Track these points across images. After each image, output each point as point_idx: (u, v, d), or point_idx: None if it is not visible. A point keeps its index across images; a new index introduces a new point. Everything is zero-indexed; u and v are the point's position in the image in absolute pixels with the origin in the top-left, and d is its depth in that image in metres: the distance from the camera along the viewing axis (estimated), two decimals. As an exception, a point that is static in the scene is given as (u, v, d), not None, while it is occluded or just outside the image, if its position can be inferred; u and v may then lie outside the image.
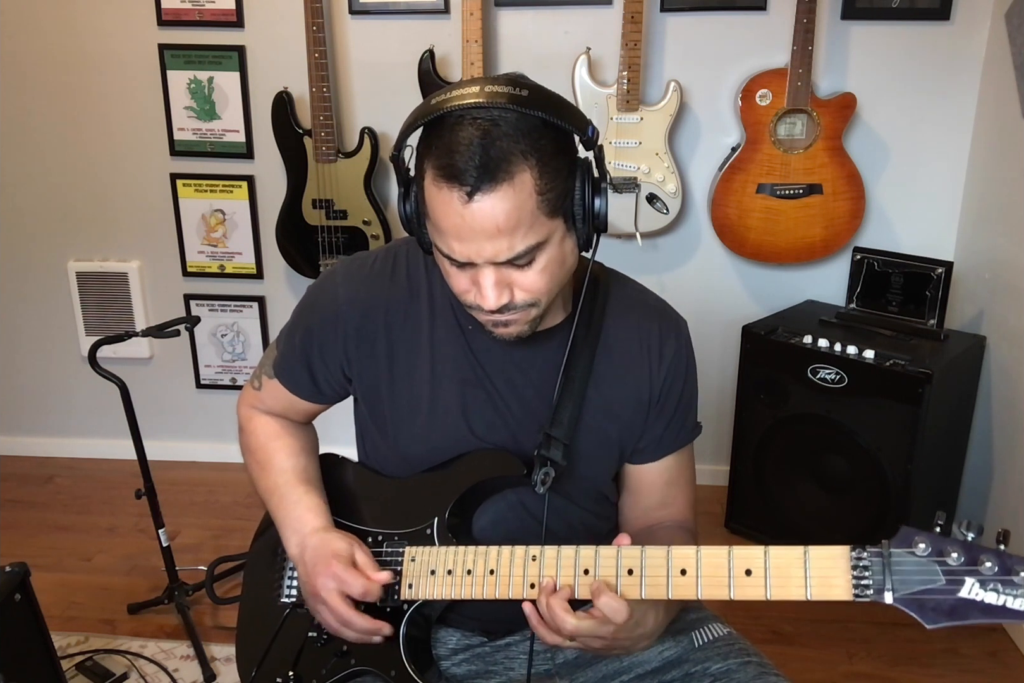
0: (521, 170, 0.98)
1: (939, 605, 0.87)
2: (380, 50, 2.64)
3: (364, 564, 1.16)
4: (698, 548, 1.00)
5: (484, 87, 1.00)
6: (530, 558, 1.08)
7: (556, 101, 1.03)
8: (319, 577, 1.16)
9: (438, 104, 1.00)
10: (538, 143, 0.99)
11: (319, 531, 1.21)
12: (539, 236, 1.02)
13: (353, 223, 2.63)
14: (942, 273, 2.39)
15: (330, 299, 1.25)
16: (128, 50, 2.71)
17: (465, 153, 0.97)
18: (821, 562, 0.93)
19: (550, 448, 1.16)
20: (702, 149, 2.63)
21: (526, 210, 1.00)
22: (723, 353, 2.75)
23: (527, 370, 1.21)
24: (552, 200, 1.01)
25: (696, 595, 0.99)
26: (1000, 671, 2.13)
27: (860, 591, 0.90)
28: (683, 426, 1.28)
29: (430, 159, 1.01)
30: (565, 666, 1.27)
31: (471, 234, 1.00)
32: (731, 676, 1.16)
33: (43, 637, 1.74)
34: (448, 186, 0.99)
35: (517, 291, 1.07)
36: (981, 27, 2.46)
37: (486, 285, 1.05)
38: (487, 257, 1.02)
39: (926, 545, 0.89)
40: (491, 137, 0.97)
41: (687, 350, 1.27)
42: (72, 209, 2.91)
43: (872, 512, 2.34)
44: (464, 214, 0.99)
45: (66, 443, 3.17)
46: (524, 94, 0.99)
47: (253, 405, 1.38)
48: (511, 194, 0.98)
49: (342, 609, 1.14)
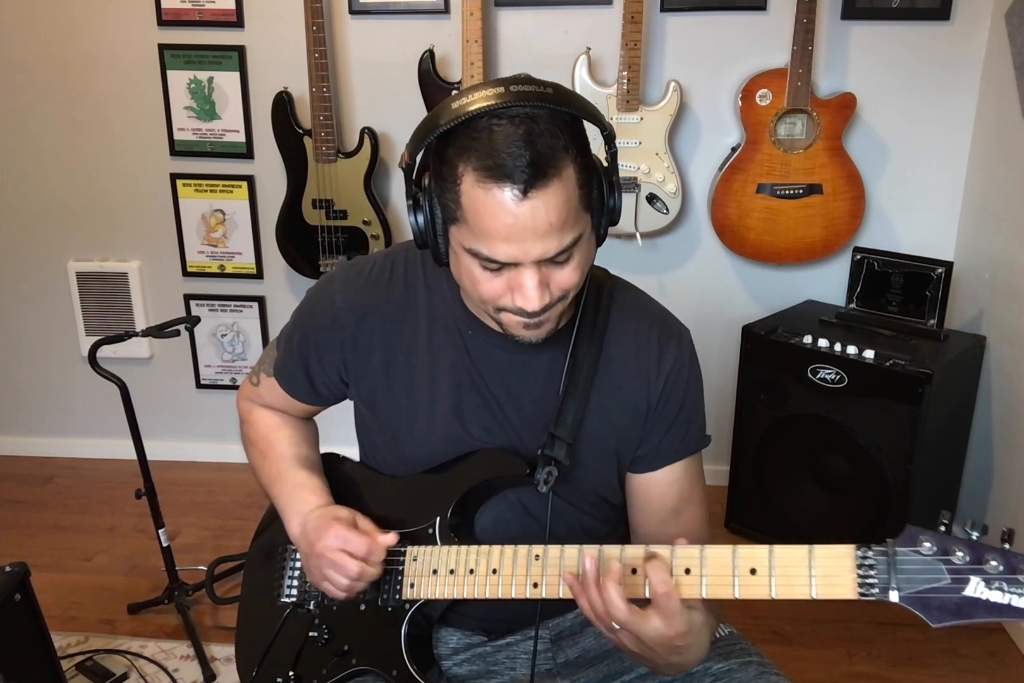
0: (566, 165, 0.98)
1: (944, 604, 0.87)
2: (380, 50, 2.64)
3: (367, 527, 1.17)
4: (702, 547, 0.99)
5: (508, 87, 0.99)
6: (533, 557, 1.08)
7: (577, 98, 1.03)
8: (322, 538, 1.15)
9: (461, 108, 0.98)
10: (575, 138, 1.00)
11: (320, 507, 1.22)
12: (580, 229, 1.03)
13: (353, 223, 2.63)
14: (942, 273, 2.39)
15: (328, 304, 1.25)
16: (128, 50, 2.71)
17: (514, 151, 0.96)
18: (826, 561, 0.93)
19: (554, 447, 1.16)
20: (702, 149, 2.63)
21: (572, 205, 1.00)
22: (723, 353, 2.75)
23: (524, 375, 1.21)
24: (587, 194, 1.03)
25: (700, 594, 0.98)
26: (1000, 671, 2.13)
27: (865, 590, 0.90)
28: (685, 436, 1.25)
29: (469, 161, 0.98)
30: (566, 666, 1.27)
31: (522, 233, 0.99)
32: (732, 676, 1.16)
33: (43, 637, 1.74)
34: (498, 186, 0.97)
35: (554, 288, 1.06)
36: (981, 27, 2.46)
37: (530, 286, 1.02)
38: (536, 255, 1.01)
39: (931, 544, 0.89)
40: (534, 134, 0.97)
41: (689, 360, 1.24)
42: (72, 209, 2.91)
43: (872, 512, 2.34)
44: (517, 213, 0.97)
45: (66, 443, 3.17)
46: (550, 91, 0.99)
47: (251, 399, 1.39)
48: (561, 189, 0.98)
49: (352, 563, 1.13)
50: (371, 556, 1.14)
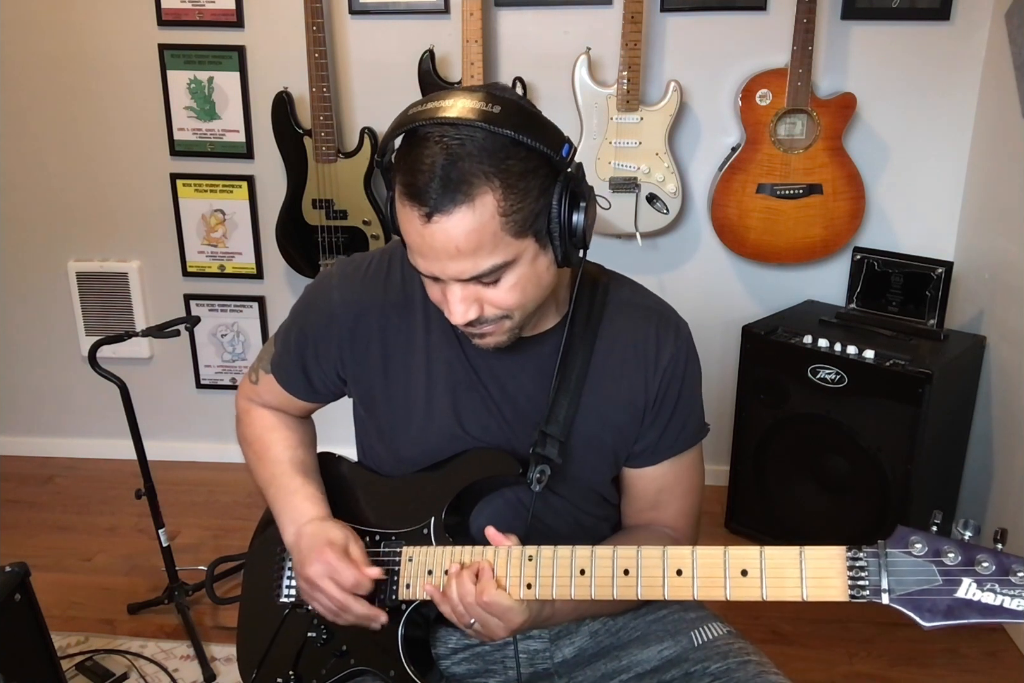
0: (483, 192, 0.96)
1: (936, 605, 0.87)
2: (380, 50, 2.64)
3: (357, 557, 1.18)
4: (694, 548, 1.00)
5: (457, 101, 0.98)
6: (526, 558, 1.08)
7: (528, 119, 1.00)
8: (313, 563, 1.17)
9: (413, 116, 1.00)
10: (504, 164, 0.97)
11: (316, 520, 1.22)
12: (504, 256, 1.01)
13: (353, 223, 2.63)
14: (942, 273, 2.39)
15: (325, 301, 1.25)
16: (128, 50, 2.71)
17: (427, 173, 0.96)
18: (817, 562, 0.93)
19: (546, 445, 1.16)
20: (702, 149, 2.63)
21: (488, 231, 0.98)
22: (723, 353, 2.75)
23: (519, 375, 1.21)
24: (519, 221, 1.00)
25: (692, 596, 0.99)
26: (1000, 671, 2.13)
27: (856, 592, 0.90)
28: (682, 430, 1.25)
29: (399, 174, 1.00)
30: (564, 665, 1.27)
31: (432, 253, 1.01)
32: (731, 675, 1.16)
33: (43, 637, 1.74)
34: (410, 205, 0.98)
35: (487, 306, 1.06)
36: (981, 27, 2.46)
37: (452, 301, 1.05)
38: (451, 275, 1.02)
39: (923, 545, 0.89)
40: (452, 158, 0.96)
41: (686, 353, 1.24)
42: (72, 209, 2.91)
43: (872, 512, 2.34)
44: (424, 234, 0.99)
45: (66, 443, 3.17)
46: (496, 111, 0.97)
47: (250, 398, 1.39)
48: (470, 216, 0.97)
49: (340, 595, 1.15)
50: (357, 589, 1.15)
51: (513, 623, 1.07)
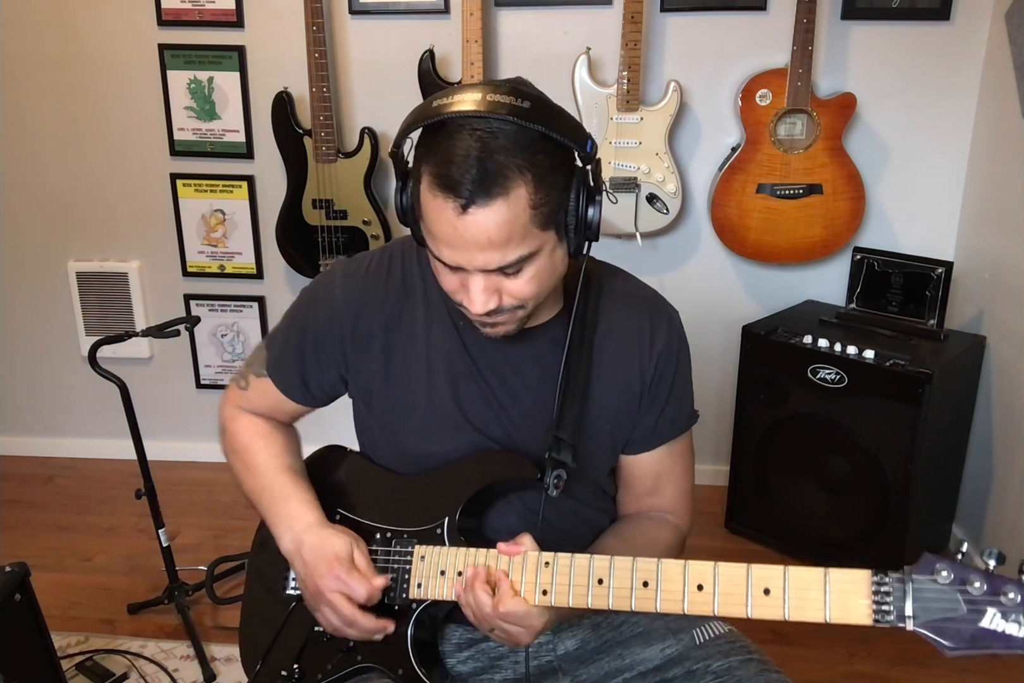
0: (517, 185, 0.98)
1: (960, 634, 0.87)
2: (380, 50, 2.64)
3: (363, 567, 1.17)
4: (716, 564, 0.99)
5: (486, 95, 0.99)
6: (543, 564, 1.08)
7: (557, 114, 1.02)
8: (322, 579, 1.16)
9: (439, 108, 1.00)
10: (535, 157, 0.99)
11: (314, 527, 1.22)
12: (530, 247, 1.03)
13: (353, 223, 2.63)
14: (942, 273, 2.39)
15: (328, 298, 1.25)
16: (128, 50, 2.71)
17: (462, 165, 0.97)
18: (842, 585, 0.93)
19: (560, 451, 1.16)
20: (702, 149, 2.64)
21: (519, 223, 1.00)
22: (723, 353, 2.75)
23: (518, 366, 1.22)
24: (546, 213, 1.02)
25: (712, 612, 0.98)
26: (1000, 671, 2.13)
27: (880, 616, 0.90)
28: (677, 416, 1.28)
29: (427, 165, 1.01)
30: (567, 658, 1.27)
31: (463, 244, 1.01)
32: (732, 673, 1.16)
33: (43, 637, 1.74)
34: (444, 196, 0.99)
35: (505, 296, 1.08)
36: (981, 27, 2.46)
37: (474, 291, 1.06)
38: (477, 266, 1.03)
39: (948, 573, 0.88)
40: (489, 150, 0.97)
41: (678, 341, 1.27)
42: (72, 209, 2.91)
43: (872, 512, 2.34)
44: (457, 225, 1.00)
45: (66, 443, 3.17)
46: (526, 106, 0.99)
47: (238, 405, 1.38)
48: (505, 209, 0.99)
49: (348, 611, 1.14)
50: (369, 602, 1.15)
51: (535, 628, 1.08)
